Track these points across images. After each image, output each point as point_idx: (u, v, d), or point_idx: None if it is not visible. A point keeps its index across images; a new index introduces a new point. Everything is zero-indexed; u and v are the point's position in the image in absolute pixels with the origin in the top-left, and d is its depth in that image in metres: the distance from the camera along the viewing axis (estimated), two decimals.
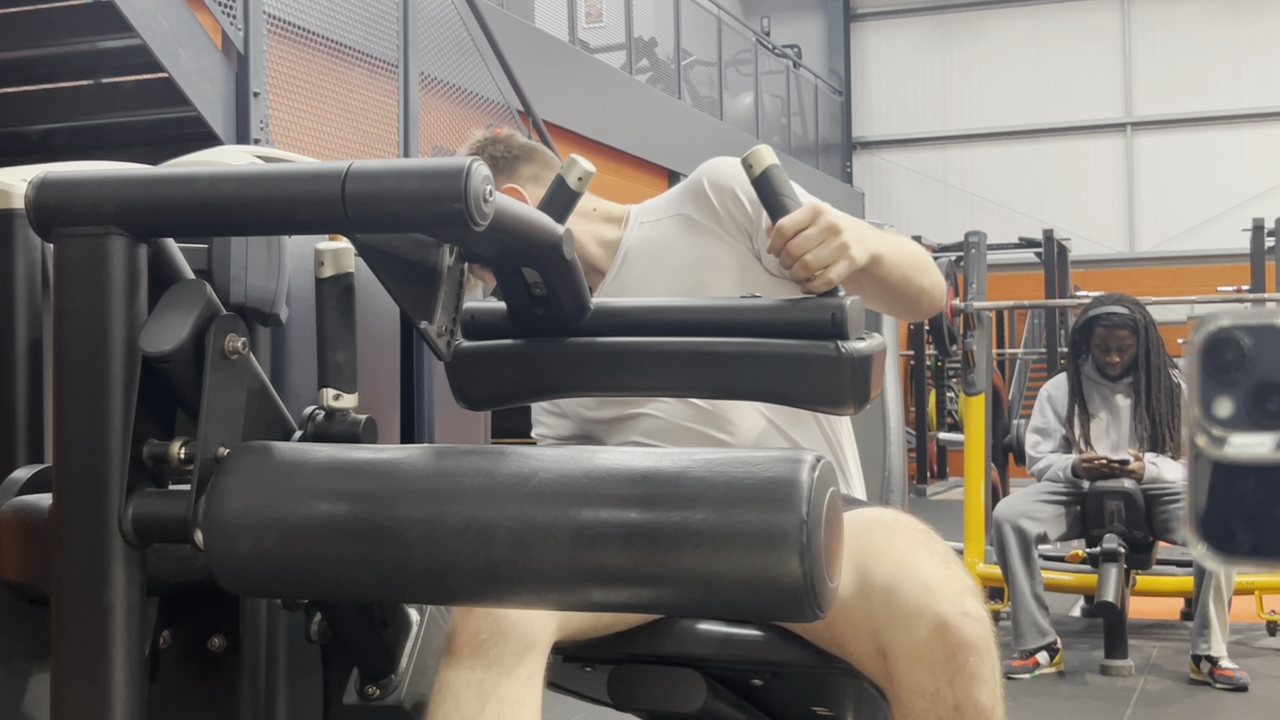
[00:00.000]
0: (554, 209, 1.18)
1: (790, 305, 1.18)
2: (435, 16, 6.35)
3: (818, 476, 0.85)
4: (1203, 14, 15.41)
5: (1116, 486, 4.32)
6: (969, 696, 1.38)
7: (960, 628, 1.38)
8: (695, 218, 1.72)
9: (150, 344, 0.92)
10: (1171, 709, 3.94)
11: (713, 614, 1.53)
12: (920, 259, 1.62)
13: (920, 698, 1.39)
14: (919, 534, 1.54)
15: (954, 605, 1.39)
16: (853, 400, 1.14)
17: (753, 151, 1.28)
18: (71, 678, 0.90)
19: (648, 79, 11.90)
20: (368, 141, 5.70)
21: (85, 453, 0.91)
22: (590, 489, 0.86)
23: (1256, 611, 4.78)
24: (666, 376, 1.18)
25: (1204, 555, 0.54)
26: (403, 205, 0.85)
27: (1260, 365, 0.53)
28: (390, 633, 1.27)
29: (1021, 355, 11.56)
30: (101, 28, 4.64)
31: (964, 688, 1.37)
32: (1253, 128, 15.23)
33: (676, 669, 1.58)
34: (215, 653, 1.23)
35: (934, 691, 1.38)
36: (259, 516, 0.90)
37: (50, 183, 0.91)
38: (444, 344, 1.01)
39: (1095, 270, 14.05)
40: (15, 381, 1.31)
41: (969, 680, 1.37)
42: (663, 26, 12.04)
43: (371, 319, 1.56)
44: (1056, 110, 15.83)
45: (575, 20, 10.95)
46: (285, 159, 1.51)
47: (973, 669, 1.38)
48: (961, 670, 1.37)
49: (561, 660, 1.62)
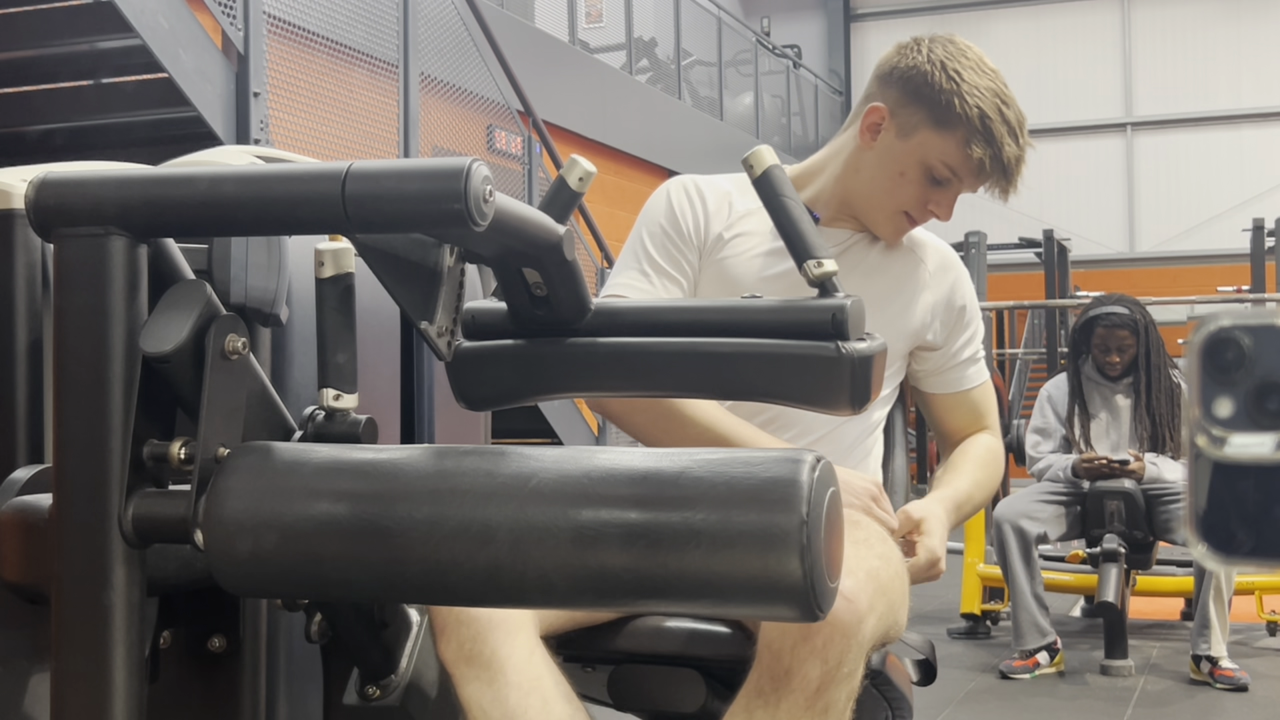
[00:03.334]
0: (554, 209, 1.18)
1: (790, 305, 1.18)
2: (435, 16, 6.35)
3: (818, 477, 0.85)
4: (1203, 14, 15.42)
5: (1116, 486, 4.32)
6: (801, 667, 1.37)
7: None
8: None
9: (150, 344, 0.92)
10: (1171, 709, 3.94)
11: (713, 614, 1.54)
12: (990, 485, 1.91)
13: (766, 651, 1.40)
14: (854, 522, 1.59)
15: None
16: (853, 401, 1.14)
17: (753, 152, 1.28)
18: (71, 678, 0.90)
19: (648, 79, 11.90)
20: (368, 141, 5.70)
21: (85, 453, 0.91)
22: (590, 489, 0.86)
23: (1256, 611, 4.78)
24: (667, 377, 1.18)
25: (1204, 555, 0.54)
26: (403, 205, 0.85)
27: (1260, 365, 0.53)
28: (390, 633, 1.27)
29: (1021, 355, 11.56)
30: (101, 28, 4.64)
31: (802, 657, 1.37)
32: (1253, 128, 15.24)
33: (676, 669, 1.58)
34: (215, 653, 1.23)
35: (778, 650, 1.38)
36: (259, 516, 0.90)
37: (50, 183, 0.91)
38: (444, 344, 1.01)
39: (1095, 270, 14.06)
40: (15, 381, 1.31)
41: (810, 653, 1.37)
42: (663, 26, 12.04)
43: (371, 319, 1.56)
44: (1056, 110, 15.83)
45: (575, 20, 10.95)
46: (285, 159, 1.51)
47: (819, 643, 1.37)
48: (809, 640, 1.37)
49: (562, 660, 1.62)
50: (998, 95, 1.76)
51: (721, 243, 1.80)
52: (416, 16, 6.02)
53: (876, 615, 1.44)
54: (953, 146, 1.76)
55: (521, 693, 1.38)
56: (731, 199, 1.83)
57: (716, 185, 1.85)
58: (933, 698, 3.95)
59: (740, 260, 1.80)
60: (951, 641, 4.99)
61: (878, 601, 1.45)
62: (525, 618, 1.44)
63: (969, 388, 1.93)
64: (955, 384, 1.93)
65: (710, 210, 1.81)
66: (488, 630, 1.38)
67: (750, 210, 1.81)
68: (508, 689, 1.37)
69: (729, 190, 1.84)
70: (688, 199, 1.82)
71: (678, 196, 1.82)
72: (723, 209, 1.82)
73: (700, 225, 1.81)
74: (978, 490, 1.86)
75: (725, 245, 1.80)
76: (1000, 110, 1.76)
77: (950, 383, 1.92)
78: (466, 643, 1.36)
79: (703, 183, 1.85)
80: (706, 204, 1.82)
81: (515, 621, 1.41)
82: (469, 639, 1.36)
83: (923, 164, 1.78)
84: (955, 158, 1.76)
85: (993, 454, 1.93)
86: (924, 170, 1.77)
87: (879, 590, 1.46)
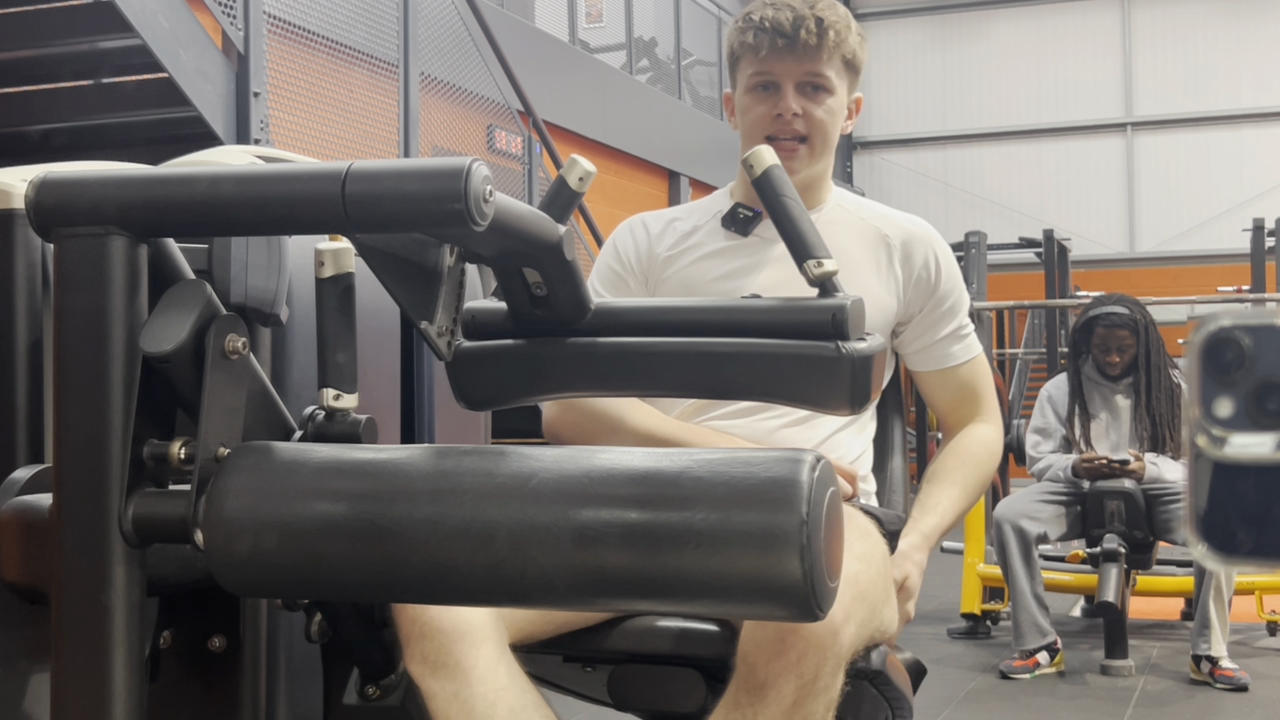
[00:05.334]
0: (554, 209, 1.18)
1: (790, 305, 1.18)
2: (435, 16, 6.35)
3: (818, 477, 0.85)
4: (1203, 14, 15.41)
5: (1117, 486, 4.32)
6: (776, 681, 1.37)
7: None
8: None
9: (150, 344, 0.92)
10: (1171, 709, 3.94)
11: (713, 614, 1.53)
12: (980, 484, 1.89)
13: (742, 664, 1.40)
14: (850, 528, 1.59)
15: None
16: (853, 400, 1.14)
17: (753, 152, 1.28)
18: (71, 678, 0.90)
19: (648, 79, 11.90)
20: (368, 141, 5.70)
21: (85, 453, 0.91)
22: (590, 489, 0.86)
23: (1256, 611, 4.78)
24: (667, 376, 1.18)
25: (1204, 555, 0.54)
26: (403, 205, 0.85)
27: (1260, 365, 0.53)
28: (390, 633, 1.27)
29: (1021, 355, 11.56)
30: (101, 28, 4.64)
31: (777, 672, 1.37)
32: (1253, 128, 15.23)
33: (676, 669, 1.58)
34: (215, 653, 1.23)
35: (753, 663, 1.38)
36: (259, 516, 0.90)
37: (50, 183, 0.91)
38: (444, 344, 1.01)
39: (1095, 270, 14.05)
40: (15, 381, 1.31)
41: (785, 668, 1.37)
42: (663, 26, 12.04)
43: (371, 319, 1.56)
44: (1056, 110, 15.83)
45: (575, 20, 10.95)
46: (285, 159, 1.51)
47: (794, 658, 1.37)
48: (783, 655, 1.37)
49: (561, 660, 1.62)
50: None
51: (670, 261, 1.90)
52: (416, 16, 6.02)
53: (856, 623, 1.43)
54: (742, 52, 1.87)
55: (487, 703, 1.36)
56: (676, 223, 1.94)
57: (661, 215, 1.97)
58: (933, 698, 3.95)
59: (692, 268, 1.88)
60: (951, 641, 4.99)
61: (856, 609, 1.43)
62: (491, 627, 1.42)
63: (954, 364, 1.91)
64: (940, 360, 1.90)
65: (652, 237, 1.92)
66: (452, 641, 1.36)
67: (699, 225, 1.91)
68: (474, 699, 1.36)
69: (675, 216, 1.96)
70: (630, 235, 1.94)
71: (621, 236, 1.95)
72: (665, 235, 1.92)
73: (641, 253, 1.91)
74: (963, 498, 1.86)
75: (674, 262, 1.89)
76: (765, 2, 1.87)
77: (935, 359, 1.90)
78: (431, 653, 1.35)
79: (648, 217, 1.97)
80: (649, 233, 1.93)
81: (481, 631, 1.40)
82: (433, 650, 1.35)
83: (745, 88, 1.89)
84: (746, 58, 1.87)
85: (984, 447, 1.90)
86: (748, 91, 1.88)
87: (857, 597, 1.44)
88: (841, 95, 1.87)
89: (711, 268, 1.87)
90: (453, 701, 1.35)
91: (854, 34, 1.89)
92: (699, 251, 1.89)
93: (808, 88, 1.84)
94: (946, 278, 1.89)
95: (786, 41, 1.82)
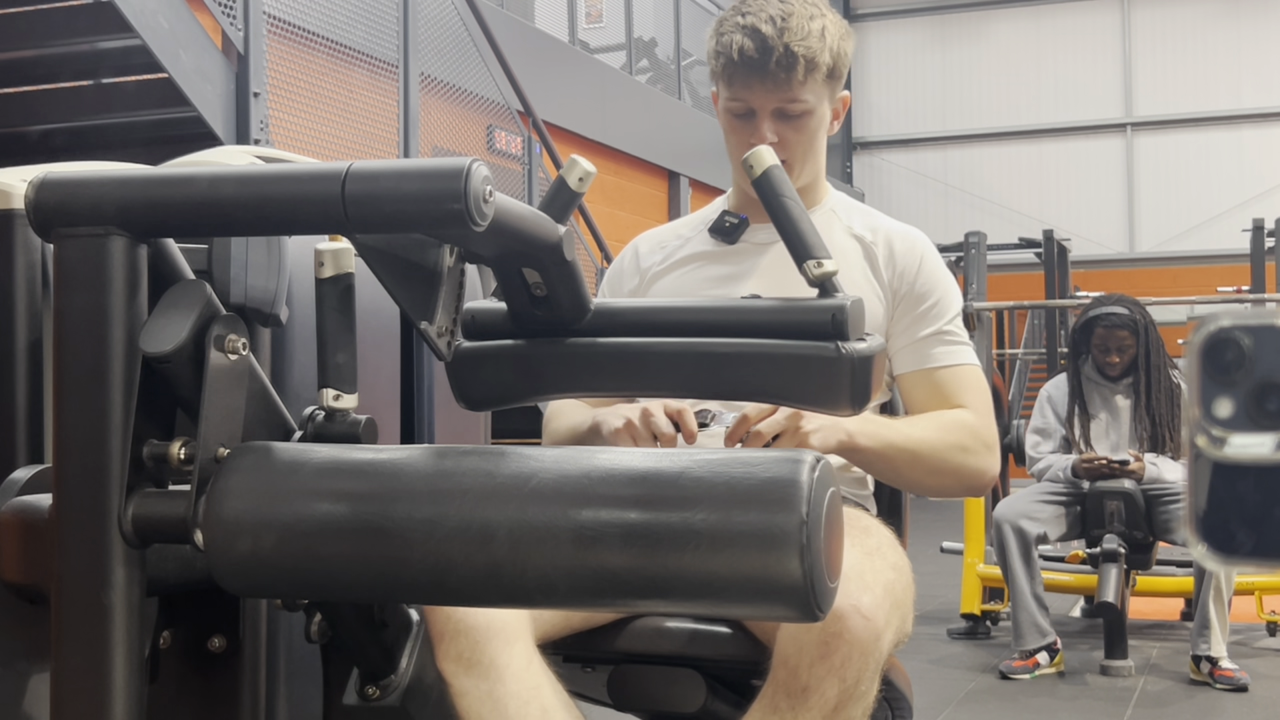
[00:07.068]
0: (554, 209, 1.18)
1: (790, 306, 1.18)
2: (435, 16, 6.35)
3: (818, 477, 0.85)
4: (1203, 14, 15.41)
5: (1116, 487, 4.32)
6: (820, 685, 1.37)
7: (844, 618, 1.38)
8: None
9: (150, 344, 0.92)
10: (1171, 709, 3.94)
11: (713, 614, 1.53)
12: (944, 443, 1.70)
13: (782, 667, 1.39)
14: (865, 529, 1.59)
15: (849, 597, 1.38)
16: (852, 401, 1.14)
17: (753, 152, 1.28)
18: (71, 678, 0.90)
19: (648, 79, 11.89)
20: (368, 141, 5.70)
21: (85, 453, 0.91)
22: (590, 489, 0.86)
23: (1256, 611, 4.78)
24: (667, 377, 1.18)
25: (1204, 555, 0.54)
26: (402, 205, 0.85)
27: (1260, 365, 0.53)
28: (390, 633, 1.27)
29: (1021, 355, 11.55)
30: (101, 28, 4.64)
31: (820, 675, 1.37)
32: (1253, 128, 15.23)
33: (676, 669, 1.58)
34: (215, 653, 1.23)
35: (794, 666, 1.38)
36: (259, 516, 0.90)
37: (50, 183, 0.91)
38: (444, 344, 1.01)
39: (1095, 270, 14.05)
40: (15, 381, 1.31)
41: (828, 671, 1.37)
42: (663, 26, 12.04)
43: (371, 319, 1.56)
44: (1056, 110, 15.83)
45: (575, 20, 10.95)
46: (285, 159, 1.51)
47: (838, 662, 1.37)
48: (827, 659, 1.37)
49: (561, 660, 1.62)
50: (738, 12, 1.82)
51: (660, 275, 1.91)
52: (416, 16, 6.02)
53: (892, 630, 1.45)
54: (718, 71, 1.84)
55: (520, 701, 1.37)
56: (669, 238, 1.96)
57: (653, 235, 2.00)
58: (933, 698, 3.95)
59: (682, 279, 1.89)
60: (951, 641, 4.99)
61: (894, 616, 1.45)
62: (522, 626, 1.43)
63: (933, 366, 1.78)
64: (918, 360, 1.79)
65: (640, 255, 1.95)
66: (486, 639, 1.37)
67: (689, 237, 1.93)
68: (507, 698, 1.36)
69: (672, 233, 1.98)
70: (620, 263, 1.98)
71: (613, 268, 1.98)
72: (656, 250, 1.94)
73: (634, 269, 1.94)
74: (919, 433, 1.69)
75: (664, 275, 1.91)
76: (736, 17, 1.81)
77: (913, 359, 1.79)
78: (465, 651, 1.36)
79: (643, 237, 1.99)
80: (638, 253, 1.96)
81: (513, 630, 1.41)
82: (467, 648, 1.36)
83: (723, 109, 1.86)
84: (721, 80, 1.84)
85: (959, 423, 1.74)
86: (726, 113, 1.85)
87: (894, 605, 1.46)
88: (822, 109, 1.82)
89: (700, 277, 1.87)
90: (486, 700, 1.35)
91: (833, 42, 1.80)
92: (688, 262, 1.89)
93: (783, 114, 1.79)
94: (928, 278, 1.82)
95: (757, 73, 1.77)
